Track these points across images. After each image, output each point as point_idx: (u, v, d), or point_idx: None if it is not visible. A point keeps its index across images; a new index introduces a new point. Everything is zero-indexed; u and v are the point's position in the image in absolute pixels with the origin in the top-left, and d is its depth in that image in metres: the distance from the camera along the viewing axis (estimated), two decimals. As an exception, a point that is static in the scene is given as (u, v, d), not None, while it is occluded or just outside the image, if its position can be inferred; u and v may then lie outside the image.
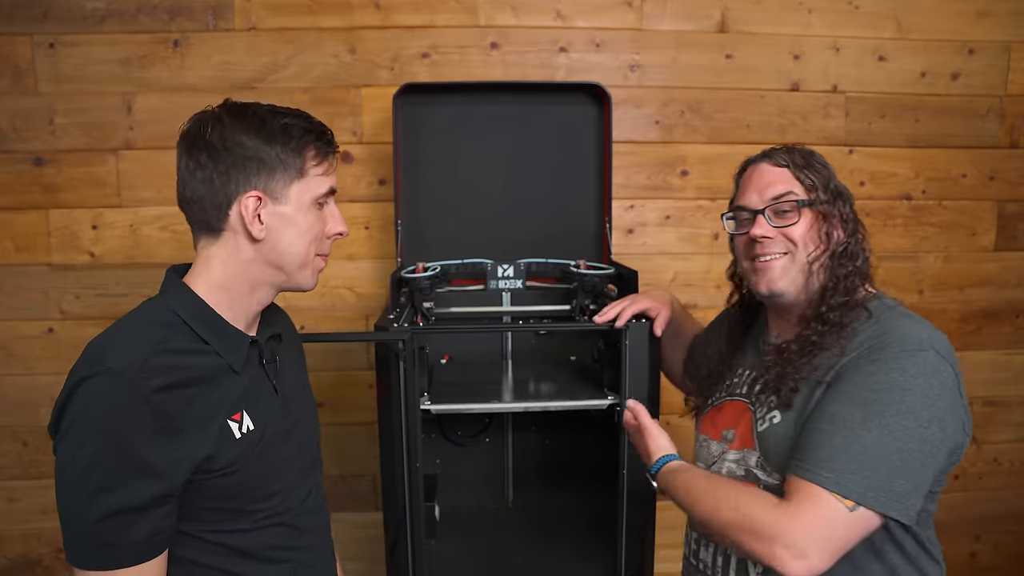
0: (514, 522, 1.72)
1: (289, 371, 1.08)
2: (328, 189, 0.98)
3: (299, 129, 0.94)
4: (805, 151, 1.13)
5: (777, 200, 1.08)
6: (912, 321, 1.00)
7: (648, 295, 1.42)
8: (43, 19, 1.86)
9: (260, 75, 1.91)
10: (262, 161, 0.92)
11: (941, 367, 0.93)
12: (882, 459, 0.90)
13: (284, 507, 0.99)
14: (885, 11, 2.02)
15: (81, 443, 0.81)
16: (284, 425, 1.01)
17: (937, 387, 0.92)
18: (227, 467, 0.90)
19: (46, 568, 2.04)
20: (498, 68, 1.95)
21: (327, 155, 0.98)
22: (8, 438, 1.98)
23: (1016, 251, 2.15)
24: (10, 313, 1.94)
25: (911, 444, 0.90)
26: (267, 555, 0.97)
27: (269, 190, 0.93)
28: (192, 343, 0.91)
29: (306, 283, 1.01)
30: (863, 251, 1.09)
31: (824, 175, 1.10)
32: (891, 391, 0.91)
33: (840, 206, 1.08)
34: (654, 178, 2.03)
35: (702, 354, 1.34)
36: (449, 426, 1.77)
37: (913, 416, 0.90)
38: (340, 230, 1.02)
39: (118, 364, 0.82)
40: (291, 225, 0.95)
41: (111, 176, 1.92)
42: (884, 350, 0.95)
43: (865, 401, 0.92)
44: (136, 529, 0.82)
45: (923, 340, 0.95)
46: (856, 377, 0.95)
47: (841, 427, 0.92)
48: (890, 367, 0.93)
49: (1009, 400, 2.20)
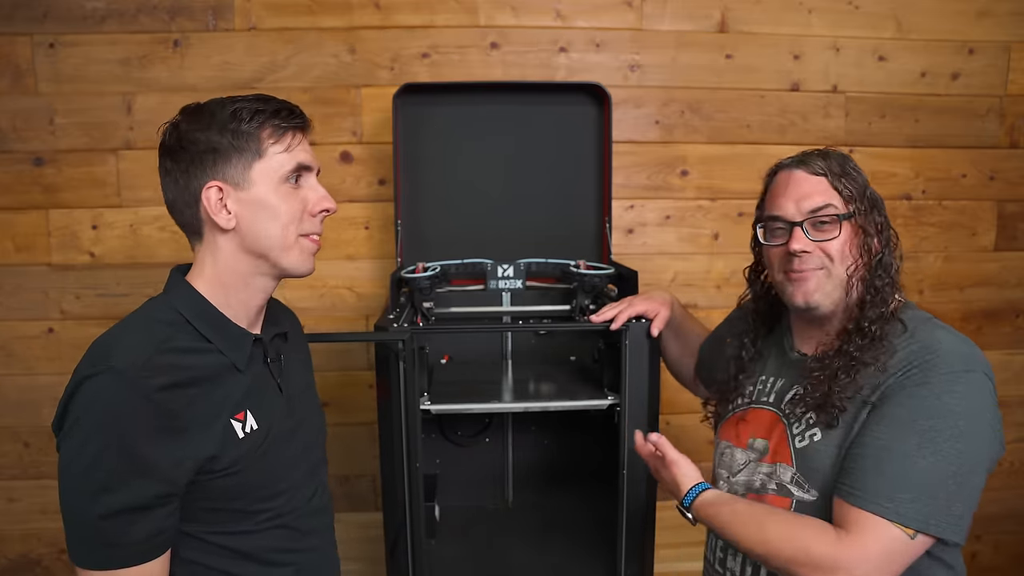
0: (514, 522, 1.72)
1: (294, 370, 1.08)
2: (295, 165, 0.95)
3: (249, 111, 0.93)
4: (839, 155, 1.08)
5: (815, 214, 1.04)
6: (951, 336, 1.00)
7: (647, 296, 1.42)
8: (43, 19, 1.86)
9: (260, 75, 1.91)
10: (216, 151, 0.92)
11: (986, 385, 0.95)
12: (940, 485, 0.90)
13: (288, 508, 0.98)
14: (885, 11, 2.02)
15: (84, 442, 0.81)
16: (289, 424, 1.01)
17: (982, 406, 0.94)
18: (230, 467, 0.90)
19: (46, 568, 2.04)
20: (498, 68, 1.95)
21: (285, 131, 0.95)
22: (9, 439, 1.98)
23: (1016, 251, 2.15)
24: (10, 313, 1.94)
25: (965, 467, 0.91)
26: (270, 558, 0.97)
27: (228, 177, 0.92)
28: (195, 342, 0.91)
29: (296, 267, 0.97)
30: (895, 260, 1.06)
31: (860, 183, 1.06)
32: (945, 417, 0.91)
33: (875, 216, 1.06)
34: (654, 178, 2.03)
35: (715, 357, 1.31)
36: (449, 426, 1.77)
37: (965, 439, 0.91)
38: (325, 206, 0.98)
39: (121, 363, 0.82)
40: (262, 208, 0.93)
41: (111, 176, 1.92)
42: (932, 371, 0.94)
43: (920, 428, 0.92)
44: (138, 528, 0.82)
45: (968, 358, 0.96)
46: (907, 401, 0.94)
47: (897, 455, 0.92)
48: (941, 390, 0.93)
49: (1009, 400, 2.19)
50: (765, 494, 1.08)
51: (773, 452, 1.08)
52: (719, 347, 1.32)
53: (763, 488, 1.08)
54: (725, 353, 1.26)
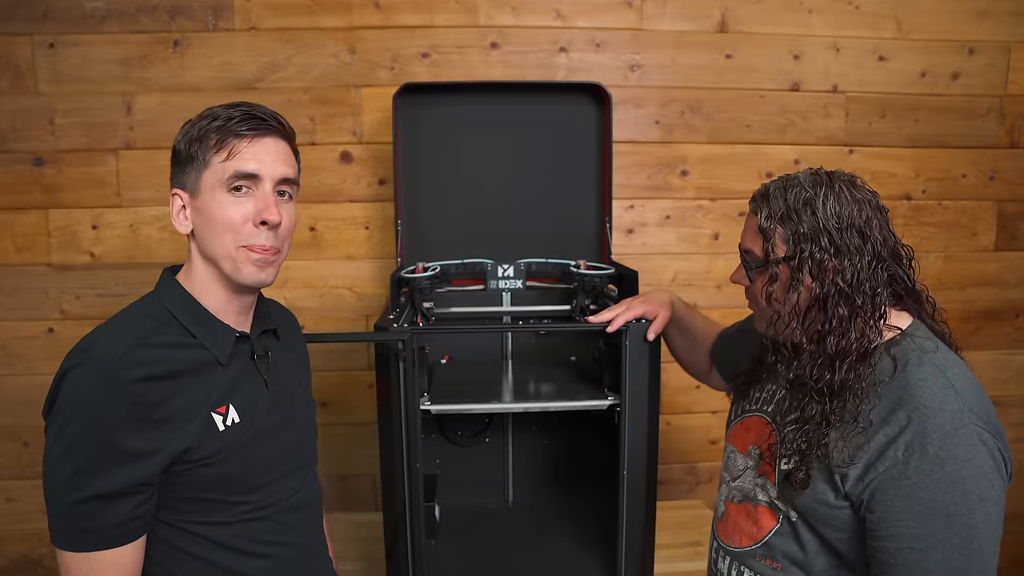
0: (514, 522, 1.72)
1: (284, 367, 1.09)
2: (232, 173, 0.92)
3: (206, 120, 0.95)
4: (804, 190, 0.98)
5: (743, 253, 1.06)
6: (939, 383, 0.92)
7: (646, 298, 1.41)
8: (43, 19, 1.86)
9: (260, 75, 1.91)
10: (179, 159, 0.96)
11: (981, 440, 0.90)
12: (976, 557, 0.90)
13: (268, 501, 0.99)
14: (885, 11, 2.02)
15: (62, 429, 0.85)
16: (274, 420, 1.02)
17: (984, 456, 0.90)
18: (208, 458, 0.91)
19: (46, 568, 2.04)
20: (498, 68, 1.95)
21: (227, 138, 0.93)
22: (8, 438, 1.98)
23: (1016, 251, 2.15)
24: (10, 313, 1.94)
25: (991, 530, 0.91)
26: (248, 548, 0.98)
27: (185, 185, 0.96)
28: (180, 337, 0.94)
29: (240, 278, 0.95)
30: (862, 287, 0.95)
31: (812, 223, 0.96)
32: (952, 487, 0.89)
33: (816, 251, 0.95)
34: (654, 178, 2.03)
35: (734, 353, 1.29)
36: (449, 426, 1.77)
37: (979, 498, 0.89)
38: (263, 217, 0.93)
39: (100, 354, 0.86)
40: (205, 217, 0.94)
41: (111, 176, 1.92)
42: (926, 439, 0.89)
43: (938, 505, 0.89)
44: (111, 514, 0.85)
45: (956, 413, 0.89)
46: (914, 479, 0.90)
47: (933, 543, 0.90)
48: (944, 458, 0.89)
49: (1009, 400, 2.20)
50: (759, 504, 1.08)
51: (763, 465, 1.08)
52: (739, 342, 1.29)
53: (755, 498, 1.08)
54: (744, 350, 1.23)
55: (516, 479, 1.80)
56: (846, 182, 0.99)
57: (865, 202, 0.98)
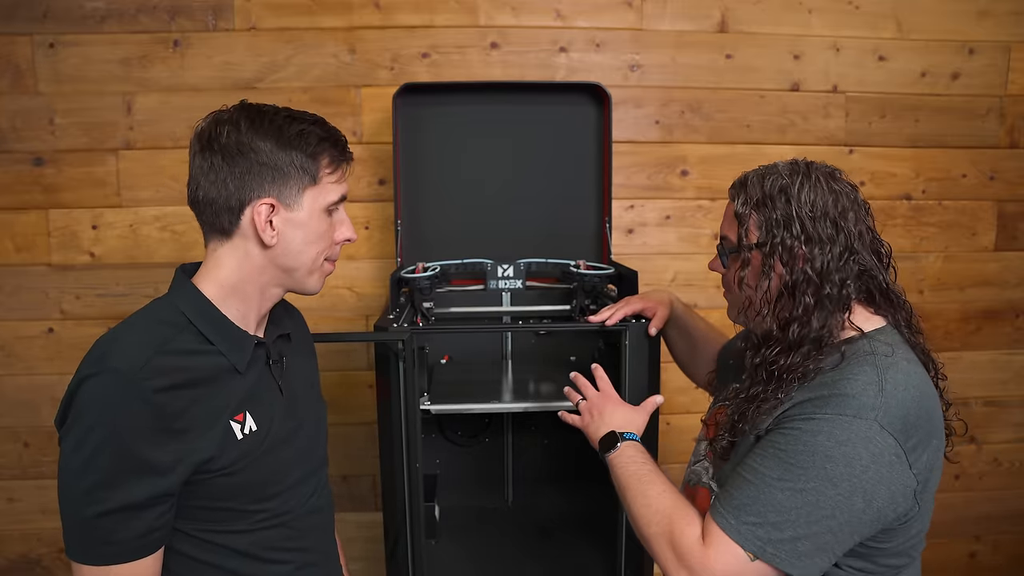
0: (514, 522, 1.72)
1: (297, 371, 1.08)
2: (340, 196, 0.99)
3: (315, 136, 0.95)
4: (781, 179, 0.99)
5: (720, 240, 1.08)
6: (869, 380, 0.90)
7: (645, 296, 1.42)
8: (43, 19, 1.86)
9: (260, 75, 1.91)
10: (277, 168, 0.92)
11: (876, 437, 0.87)
12: (790, 520, 0.88)
13: (285, 508, 0.99)
14: (885, 11, 2.02)
15: (82, 441, 0.82)
16: (289, 426, 1.01)
17: (867, 458, 0.87)
18: (228, 467, 0.90)
19: (46, 568, 2.04)
20: (498, 68, 1.95)
21: (341, 163, 0.99)
22: (8, 438, 1.98)
23: (1016, 251, 2.15)
24: (10, 313, 1.94)
25: (824, 511, 0.87)
26: (265, 555, 0.97)
27: (282, 197, 0.93)
28: (197, 344, 0.91)
29: (313, 287, 1.01)
30: (831, 276, 0.95)
31: (785, 211, 0.97)
32: (813, 455, 0.88)
33: (788, 238, 0.96)
34: (654, 178, 2.03)
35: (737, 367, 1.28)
36: (449, 426, 1.77)
37: (832, 484, 0.87)
38: (348, 236, 1.02)
39: (120, 364, 0.83)
40: (302, 231, 0.95)
41: (111, 176, 1.92)
42: (822, 408, 0.90)
43: (786, 461, 0.89)
44: (132, 527, 0.83)
45: (865, 406, 0.88)
46: (788, 432, 0.92)
47: (759, 479, 0.91)
48: (819, 429, 0.89)
49: (1009, 400, 2.20)
50: (699, 486, 1.09)
51: (709, 448, 1.10)
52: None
53: (700, 481, 1.09)
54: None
55: (516, 479, 1.81)
56: (825, 173, 1.01)
57: (843, 194, 0.99)
